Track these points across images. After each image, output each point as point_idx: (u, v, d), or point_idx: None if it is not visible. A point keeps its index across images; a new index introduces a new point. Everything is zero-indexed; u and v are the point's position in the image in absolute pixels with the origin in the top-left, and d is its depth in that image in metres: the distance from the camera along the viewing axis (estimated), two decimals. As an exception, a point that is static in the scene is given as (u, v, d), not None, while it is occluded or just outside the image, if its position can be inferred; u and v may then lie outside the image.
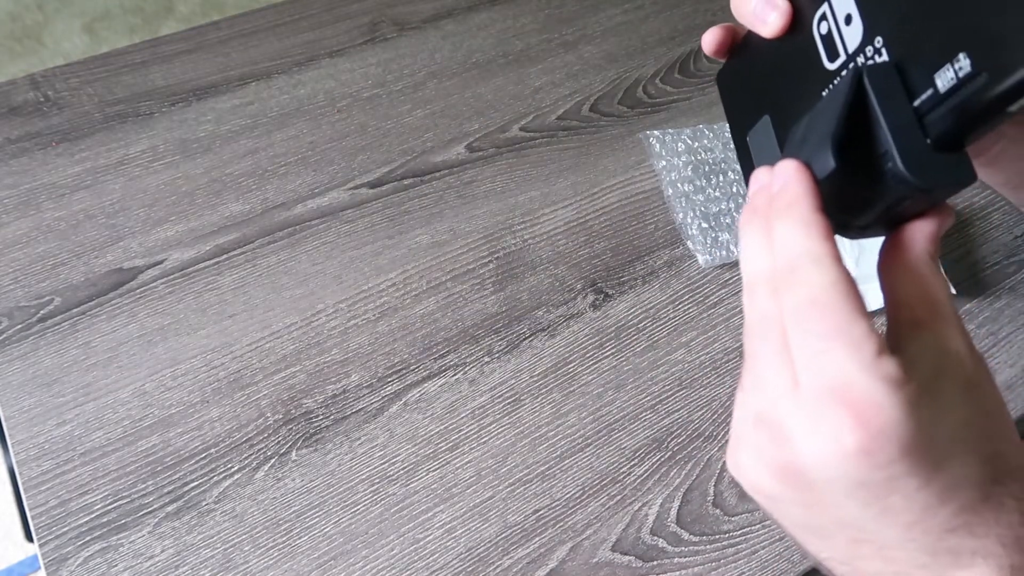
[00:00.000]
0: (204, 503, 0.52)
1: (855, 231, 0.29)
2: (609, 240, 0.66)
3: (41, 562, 0.49)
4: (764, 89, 0.34)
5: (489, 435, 0.56)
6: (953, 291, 0.63)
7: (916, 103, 0.26)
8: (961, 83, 0.24)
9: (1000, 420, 0.27)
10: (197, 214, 0.64)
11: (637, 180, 0.70)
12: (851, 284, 0.25)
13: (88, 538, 0.50)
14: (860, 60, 0.28)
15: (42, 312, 0.58)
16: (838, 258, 0.25)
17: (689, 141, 0.72)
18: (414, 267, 0.63)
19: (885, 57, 0.27)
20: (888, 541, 0.27)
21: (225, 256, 0.62)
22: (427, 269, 0.63)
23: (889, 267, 0.28)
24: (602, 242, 0.66)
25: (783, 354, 0.26)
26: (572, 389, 0.59)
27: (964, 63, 0.24)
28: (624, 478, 0.55)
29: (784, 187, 0.27)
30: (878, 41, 0.27)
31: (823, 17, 0.30)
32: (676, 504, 0.55)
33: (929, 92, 0.25)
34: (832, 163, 0.26)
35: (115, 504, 0.51)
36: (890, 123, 0.26)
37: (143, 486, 0.52)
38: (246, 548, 0.51)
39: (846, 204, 0.28)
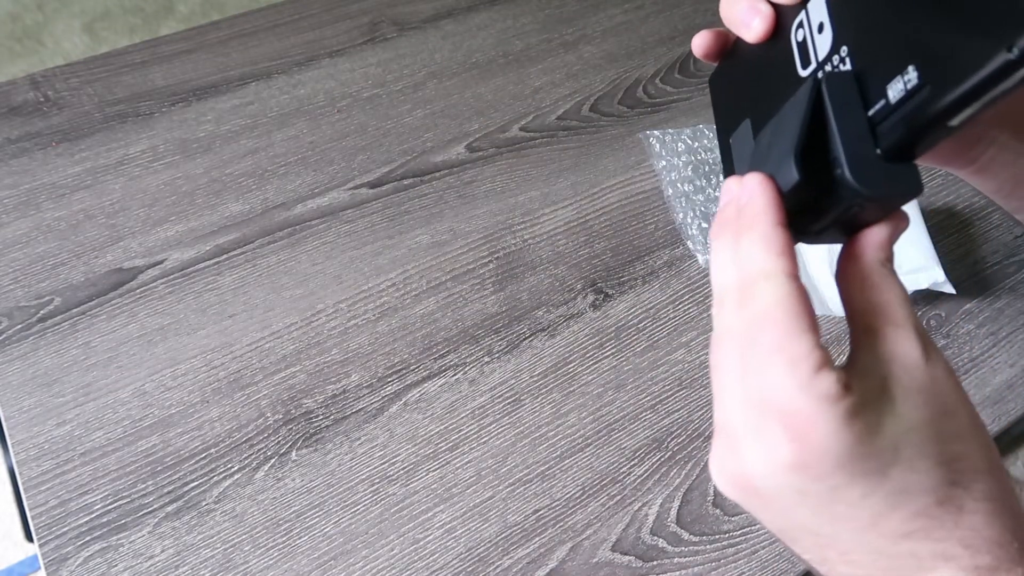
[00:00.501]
0: (204, 503, 0.52)
1: (812, 236, 0.30)
2: (609, 240, 0.66)
3: (41, 562, 0.49)
4: (747, 93, 0.34)
5: (489, 435, 0.56)
6: (953, 291, 0.63)
7: (870, 113, 0.26)
8: (909, 95, 0.24)
9: (961, 421, 0.27)
10: (197, 214, 0.64)
11: (637, 180, 0.70)
12: (801, 301, 0.25)
13: (88, 538, 0.50)
14: (828, 68, 0.28)
15: (42, 312, 0.58)
16: (792, 274, 0.26)
17: (689, 141, 0.72)
18: (414, 267, 0.63)
19: (849, 66, 0.27)
20: (847, 546, 0.27)
21: (225, 256, 0.62)
22: (427, 269, 0.63)
23: (842, 277, 0.29)
24: (602, 242, 0.66)
25: (740, 367, 0.26)
26: (572, 389, 0.59)
27: (912, 75, 0.24)
28: (624, 478, 0.55)
29: (749, 201, 0.27)
30: (844, 50, 0.28)
31: (800, 24, 0.30)
32: (676, 504, 0.55)
33: (882, 102, 0.26)
34: (796, 176, 0.27)
35: (115, 504, 0.51)
36: (841, 131, 0.26)
37: (143, 486, 0.52)
38: (246, 548, 0.51)
39: (803, 209, 0.28)
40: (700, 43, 0.35)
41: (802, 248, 0.64)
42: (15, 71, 1.72)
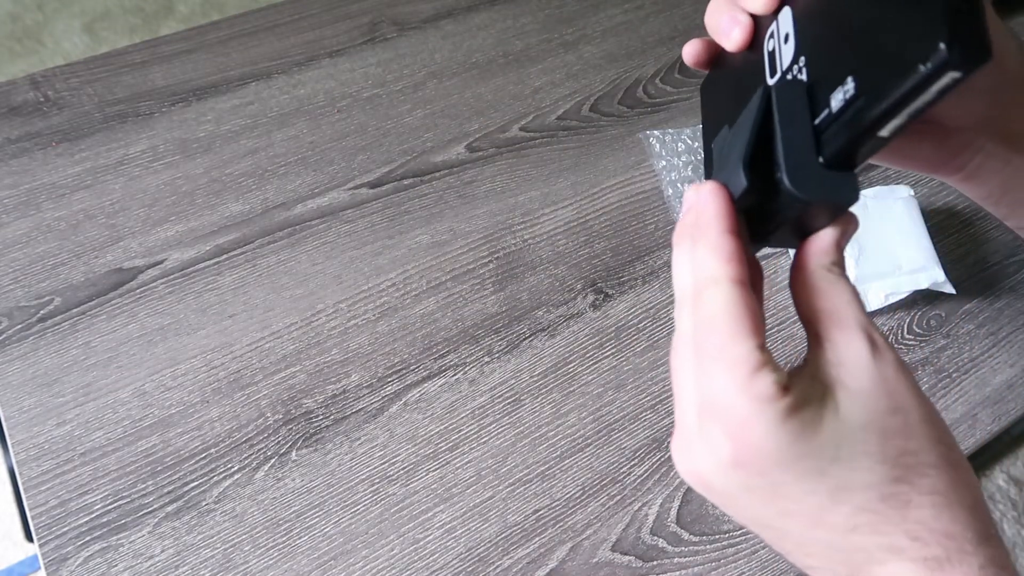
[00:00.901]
0: (204, 503, 0.52)
1: (766, 240, 0.31)
2: (609, 240, 0.66)
3: (41, 562, 0.49)
4: (727, 100, 0.35)
5: (489, 435, 0.56)
6: (953, 291, 0.63)
7: (816, 121, 0.27)
8: (847, 105, 0.26)
9: (910, 418, 0.27)
10: (197, 214, 0.64)
11: (637, 180, 0.70)
12: (744, 305, 0.27)
13: (88, 538, 0.50)
14: (789, 77, 0.29)
15: (42, 312, 0.58)
16: (737, 280, 0.27)
17: (689, 141, 0.72)
18: (414, 267, 0.63)
19: (805, 76, 0.28)
20: (800, 539, 0.28)
21: (225, 256, 0.62)
22: (427, 269, 0.63)
23: (792, 284, 0.30)
24: (602, 242, 0.66)
25: (692, 369, 0.28)
26: (572, 389, 0.59)
27: (850, 86, 0.25)
28: (624, 478, 0.55)
29: (703, 209, 0.29)
30: (802, 60, 0.29)
31: (771, 34, 0.31)
32: (676, 504, 0.55)
33: (826, 112, 0.27)
34: (744, 182, 0.28)
35: (115, 504, 0.51)
36: (785, 138, 0.27)
37: (143, 486, 0.52)
38: (246, 548, 0.51)
39: (756, 214, 0.29)
40: (690, 51, 0.36)
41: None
42: (15, 71, 1.72)
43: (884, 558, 0.27)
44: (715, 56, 0.37)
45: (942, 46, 0.21)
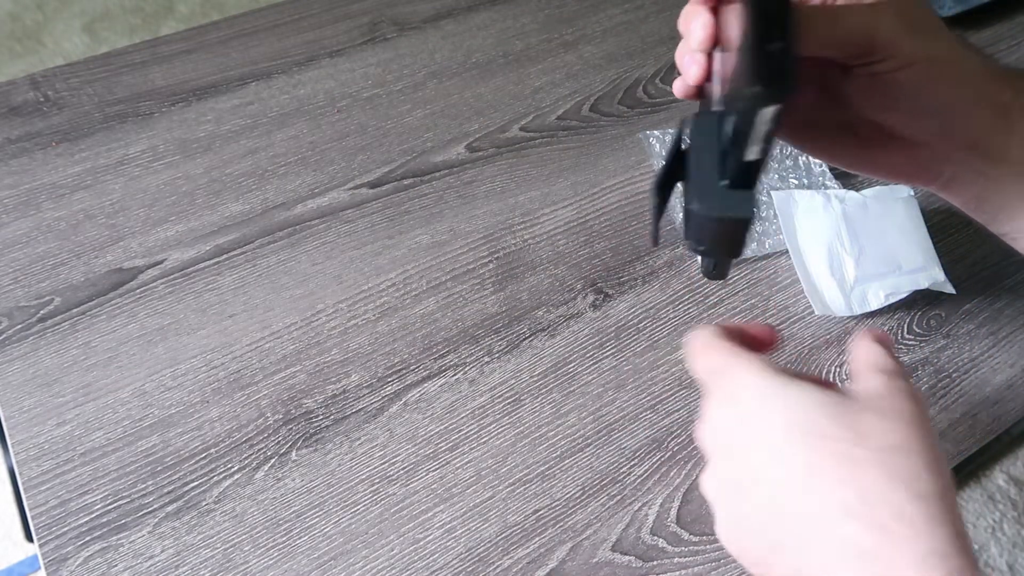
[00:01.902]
0: (204, 503, 0.52)
1: (702, 251, 0.36)
2: (609, 240, 0.66)
3: (41, 562, 0.49)
4: None
5: (489, 435, 0.56)
6: (953, 291, 0.63)
7: (722, 148, 0.32)
8: (733, 133, 0.30)
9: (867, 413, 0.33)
10: (197, 214, 0.64)
11: (637, 180, 0.70)
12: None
13: (88, 538, 0.50)
14: (715, 109, 0.34)
15: (42, 312, 0.58)
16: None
17: (689, 141, 0.72)
18: (414, 267, 0.63)
19: (721, 107, 0.33)
20: (795, 510, 0.32)
21: (225, 256, 0.62)
22: (427, 269, 0.63)
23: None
24: (602, 242, 0.66)
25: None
26: (572, 389, 0.59)
27: (732, 117, 0.30)
28: (624, 478, 0.55)
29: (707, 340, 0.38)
30: (721, 94, 0.33)
31: (715, 72, 0.36)
32: (676, 504, 0.55)
33: (727, 139, 0.31)
34: (654, 200, 0.34)
35: (115, 504, 0.51)
36: (692, 162, 0.32)
37: (143, 486, 0.52)
38: (246, 548, 0.51)
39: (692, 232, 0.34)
40: (679, 87, 0.40)
41: (803, 250, 0.64)
42: (15, 71, 1.73)
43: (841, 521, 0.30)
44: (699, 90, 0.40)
45: (757, 86, 0.27)
